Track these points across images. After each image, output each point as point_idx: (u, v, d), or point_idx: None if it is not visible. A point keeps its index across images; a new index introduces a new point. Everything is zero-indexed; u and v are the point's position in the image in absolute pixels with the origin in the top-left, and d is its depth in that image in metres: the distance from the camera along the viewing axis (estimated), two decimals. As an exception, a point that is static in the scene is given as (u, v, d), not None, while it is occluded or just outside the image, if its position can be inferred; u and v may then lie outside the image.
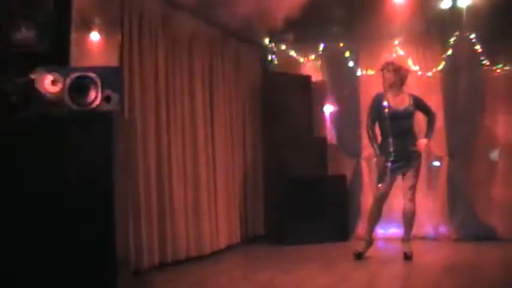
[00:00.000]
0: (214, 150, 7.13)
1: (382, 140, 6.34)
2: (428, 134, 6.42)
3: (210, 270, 6.11)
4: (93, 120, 4.12)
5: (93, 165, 4.06)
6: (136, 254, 5.58)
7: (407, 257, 6.17)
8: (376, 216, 6.42)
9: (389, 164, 6.21)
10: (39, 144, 4.03)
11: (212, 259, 6.68)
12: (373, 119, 6.36)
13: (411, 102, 6.31)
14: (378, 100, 6.34)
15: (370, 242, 6.46)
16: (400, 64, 6.53)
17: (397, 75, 6.28)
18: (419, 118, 6.77)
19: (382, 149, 6.29)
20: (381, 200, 6.34)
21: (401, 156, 6.21)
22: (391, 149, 6.22)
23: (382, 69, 6.40)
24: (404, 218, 6.38)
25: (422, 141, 6.32)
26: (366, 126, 6.45)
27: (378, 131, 6.42)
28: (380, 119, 6.31)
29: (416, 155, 6.28)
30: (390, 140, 6.24)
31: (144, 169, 5.82)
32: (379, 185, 6.32)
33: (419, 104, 6.40)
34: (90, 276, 4.09)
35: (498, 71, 7.44)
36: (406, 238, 6.41)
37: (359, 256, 6.29)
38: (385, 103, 6.27)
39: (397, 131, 6.21)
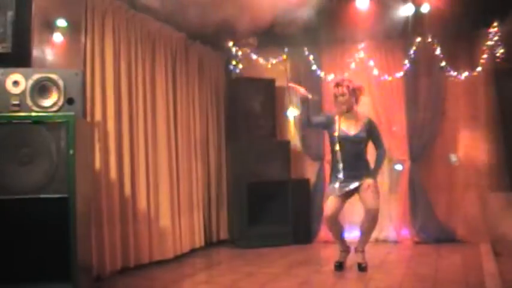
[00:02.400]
0: (177, 154, 7.10)
1: (332, 166, 6.02)
2: (374, 172, 5.96)
3: (173, 274, 6.07)
4: (55, 123, 4.08)
5: (53, 169, 4.02)
6: (99, 259, 5.52)
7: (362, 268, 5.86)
8: (334, 230, 6.01)
9: (336, 185, 5.86)
10: (0, 147, 3.97)
11: (175, 263, 6.65)
12: (316, 120, 6.06)
13: (364, 127, 5.92)
14: (329, 119, 6.01)
15: (346, 250, 6.05)
16: (352, 84, 5.95)
17: (350, 98, 5.89)
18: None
19: (332, 174, 6.01)
20: (330, 217, 5.89)
21: (351, 180, 5.84)
22: (341, 175, 5.85)
23: (334, 93, 5.94)
24: (362, 228, 5.98)
25: (368, 182, 5.82)
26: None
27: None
28: (330, 144, 6.01)
29: (367, 174, 5.90)
30: (340, 165, 5.86)
31: (105, 173, 5.76)
32: (326, 203, 5.96)
33: (372, 132, 5.97)
34: (51, 283, 4.03)
35: (458, 76, 7.56)
36: (361, 247, 5.98)
37: (340, 266, 5.94)
38: (335, 126, 5.92)
39: (347, 157, 5.85)
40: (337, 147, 5.88)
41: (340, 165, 5.86)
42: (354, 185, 5.83)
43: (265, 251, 7.24)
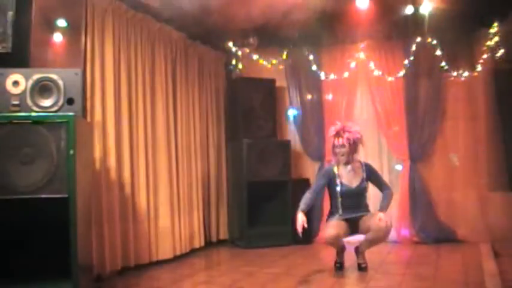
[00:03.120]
0: (177, 154, 7.10)
1: (332, 212, 5.97)
2: (383, 206, 5.85)
3: (173, 274, 6.07)
4: (55, 123, 4.08)
5: (53, 169, 4.02)
6: (99, 258, 5.52)
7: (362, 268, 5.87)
8: (337, 246, 5.91)
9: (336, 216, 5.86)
10: (0, 146, 3.97)
11: (175, 263, 6.65)
12: (316, 189, 5.97)
13: (364, 175, 5.92)
14: (329, 174, 5.95)
15: (342, 249, 5.96)
16: (353, 136, 5.88)
17: (349, 150, 5.87)
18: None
19: (331, 215, 5.97)
20: (333, 238, 5.75)
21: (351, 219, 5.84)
22: (340, 215, 5.85)
23: (333, 144, 5.91)
24: (372, 236, 5.78)
25: (380, 216, 5.64)
26: (309, 190, 5.99)
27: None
28: (331, 194, 5.99)
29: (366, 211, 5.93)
30: (340, 212, 5.85)
31: (105, 173, 5.76)
32: (327, 226, 5.87)
33: (372, 177, 6.00)
34: (51, 282, 4.04)
35: (458, 77, 7.56)
36: (362, 249, 5.96)
37: (340, 266, 5.95)
38: (337, 180, 5.89)
39: (349, 207, 5.85)
40: (339, 200, 5.88)
41: (340, 212, 5.86)
42: (356, 214, 5.84)
43: (265, 251, 7.24)
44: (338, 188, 5.86)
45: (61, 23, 5.56)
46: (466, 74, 7.55)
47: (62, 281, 3.99)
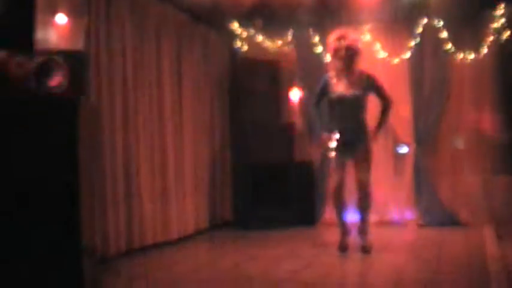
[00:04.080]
0: (182, 135, 7.11)
1: (328, 126, 5.86)
2: (379, 126, 5.91)
3: (178, 255, 6.11)
4: (59, 105, 4.08)
5: (58, 151, 4.02)
6: (103, 240, 5.54)
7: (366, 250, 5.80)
8: (338, 205, 5.94)
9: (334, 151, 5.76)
10: (3, 129, 3.98)
11: (179, 244, 6.68)
12: (317, 99, 5.99)
13: (363, 84, 5.75)
14: (324, 81, 5.88)
15: (346, 232, 5.98)
16: (355, 40, 5.84)
17: (352, 55, 5.74)
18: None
19: (328, 129, 5.85)
20: (335, 190, 5.87)
21: (347, 144, 5.70)
22: (337, 136, 5.73)
23: (335, 48, 5.75)
24: (359, 208, 5.95)
25: (373, 132, 5.88)
26: (311, 104, 6.21)
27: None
28: (327, 103, 5.88)
29: (364, 143, 5.78)
30: (335, 126, 5.74)
31: (110, 155, 5.77)
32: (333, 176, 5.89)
33: (373, 87, 5.84)
34: (55, 264, 4.05)
35: (464, 59, 7.53)
36: (363, 230, 5.92)
37: (344, 248, 5.90)
38: (331, 87, 5.78)
39: (343, 117, 5.72)
40: (333, 107, 5.78)
41: (335, 127, 5.73)
42: (350, 155, 5.77)
43: (269, 233, 7.26)
44: (331, 94, 5.75)
45: (65, 4, 5.53)
46: (471, 56, 7.50)
47: (65, 262, 4.01)
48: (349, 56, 5.70)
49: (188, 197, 7.16)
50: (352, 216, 6.55)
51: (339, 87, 5.73)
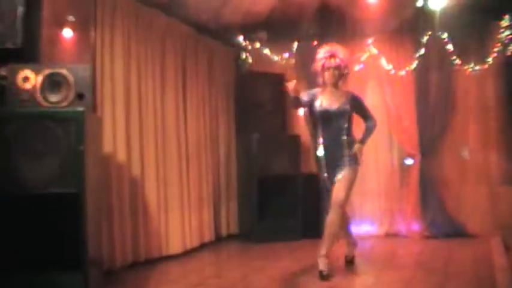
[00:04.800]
0: (187, 148, 7.11)
1: (314, 143, 5.77)
2: (363, 139, 5.64)
3: (183, 268, 6.10)
4: (65, 118, 4.10)
5: (64, 164, 4.04)
6: (109, 253, 5.55)
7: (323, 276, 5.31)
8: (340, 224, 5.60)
9: (324, 174, 5.56)
10: (11, 142, 4.00)
11: (185, 257, 6.66)
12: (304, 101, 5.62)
13: (347, 101, 5.51)
14: (312, 95, 5.63)
15: (351, 243, 5.92)
16: (346, 59, 5.59)
17: (342, 72, 5.52)
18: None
19: (314, 153, 5.74)
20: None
21: (332, 161, 5.49)
22: (322, 154, 5.58)
23: (324, 65, 5.54)
24: (325, 228, 5.50)
25: (356, 146, 5.52)
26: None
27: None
28: (314, 118, 5.67)
29: (348, 160, 5.46)
30: (321, 143, 5.58)
31: (116, 168, 5.78)
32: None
33: (356, 105, 5.60)
34: (61, 275, 4.06)
35: (469, 70, 7.53)
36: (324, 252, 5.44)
37: (351, 260, 5.88)
38: (318, 102, 5.55)
39: (329, 134, 5.53)
40: (320, 124, 5.56)
41: (321, 144, 5.56)
42: (333, 177, 5.45)
43: (275, 246, 7.24)
44: (317, 109, 5.51)
45: (71, 18, 5.57)
46: (477, 67, 7.50)
47: (72, 276, 4.01)
48: (337, 75, 5.52)
49: (193, 209, 7.15)
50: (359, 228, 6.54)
51: (324, 101, 5.52)
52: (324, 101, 5.51)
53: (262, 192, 7.66)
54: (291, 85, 5.32)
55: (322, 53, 5.59)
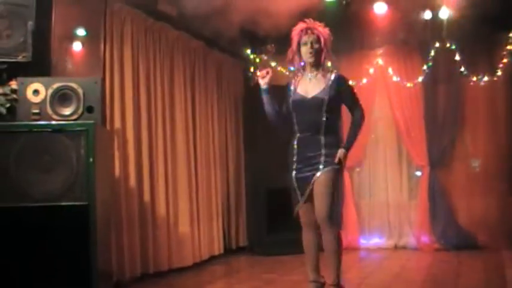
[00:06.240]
0: (196, 161, 7.12)
1: (291, 140, 4.62)
2: (348, 141, 4.47)
3: (193, 281, 6.09)
4: (75, 131, 4.12)
5: (73, 177, 4.05)
6: (118, 265, 5.54)
7: None
8: (311, 250, 4.81)
9: (294, 178, 4.55)
10: (21, 154, 4.02)
11: (195, 270, 6.66)
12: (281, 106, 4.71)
13: (329, 87, 4.39)
14: (289, 87, 4.68)
15: (317, 280, 4.79)
16: (326, 34, 4.49)
17: (321, 51, 4.45)
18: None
19: (289, 153, 4.62)
20: (306, 229, 4.80)
21: (307, 163, 4.43)
22: (295, 152, 4.52)
23: (299, 41, 4.48)
24: (325, 253, 4.59)
25: (339, 152, 4.36)
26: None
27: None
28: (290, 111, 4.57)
29: (325, 161, 4.35)
30: (295, 140, 4.52)
31: (125, 181, 5.79)
32: (296, 209, 4.74)
33: (342, 91, 4.44)
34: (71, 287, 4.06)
35: (478, 81, 7.52)
36: (332, 281, 4.53)
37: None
38: (292, 90, 4.55)
39: (304, 128, 4.46)
40: (294, 115, 4.50)
41: (295, 142, 4.52)
42: (309, 184, 4.43)
43: (285, 259, 7.21)
44: (290, 100, 4.51)
45: (80, 32, 5.61)
46: (485, 78, 7.50)
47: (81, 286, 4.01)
48: (316, 51, 4.43)
49: (203, 222, 7.14)
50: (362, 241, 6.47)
51: (300, 89, 4.50)
52: (299, 87, 4.51)
53: (271, 204, 7.65)
54: (262, 73, 4.63)
55: (296, 30, 4.53)
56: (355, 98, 4.54)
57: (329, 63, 4.64)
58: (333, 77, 4.43)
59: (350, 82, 4.95)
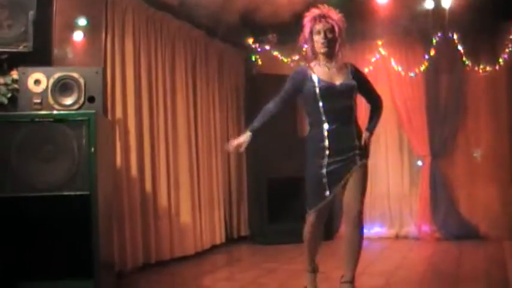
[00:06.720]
0: (197, 150, 7.12)
1: (311, 132, 4.37)
2: (373, 125, 4.35)
3: (194, 270, 6.10)
4: (76, 121, 4.12)
5: (75, 166, 4.05)
6: (120, 255, 5.56)
7: None
8: (313, 245, 4.78)
9: (323, 173, 4.27)
10: (22, 144, 4.02)
11: (196, 259, 6.68)
12: (284, 96, 4.53)
13: (350, 74, 4.21)
14: (301, 73, 4.31)
15: (314, 269, 4.82)
16: (342, 21, 4.23)
17: (336, 39, 4.18)
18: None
19: (311, 146, 4.40)
20: (312, 228, 4.71)
21: (339, 155, 4.15)
22: (326, 144, 4.19)
23: (312, 29, 4.19)
24: (347, 248, 4.27)
25: (364, 135, 4.23)
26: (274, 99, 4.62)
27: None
28: (307, 102, 4.29)
29: (359, 154, 4.16)
30: (324, 132, 4.18)
31: (126, 170, 5.80)
32: (309, 211, 4.65)
33: (359, 81, 4.24)
34: (73, 279, 4.07)
35: (480, 71, 7.50)
36: (349, 277, 4.23)
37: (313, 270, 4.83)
38: (314, 77, 4.16)
39: (334, 117, 4.14)
40: (320, 105, 4.15)
41: (324, 133, 4.17)
42: (341, 178, 4.17)
43: (286, 248, 7.22)
44: (316, 88, 4.13)
45: (82, 21, 5.59)
46: (488, 68, 7.48)
47: (84, 278, 4.02)
48: (329, 41, 4.16)
49: (204, 211, 7.16)
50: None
51: (323, 76, 4.17)
52: (322, 76, 4.17)
53: (272, 194, 7.66)
54: (231, 146, 4.61)
55: (308, 17, 4.26)
56: (372, 86, 4.43)
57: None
58: (350, 68, 4.27)
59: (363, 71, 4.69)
